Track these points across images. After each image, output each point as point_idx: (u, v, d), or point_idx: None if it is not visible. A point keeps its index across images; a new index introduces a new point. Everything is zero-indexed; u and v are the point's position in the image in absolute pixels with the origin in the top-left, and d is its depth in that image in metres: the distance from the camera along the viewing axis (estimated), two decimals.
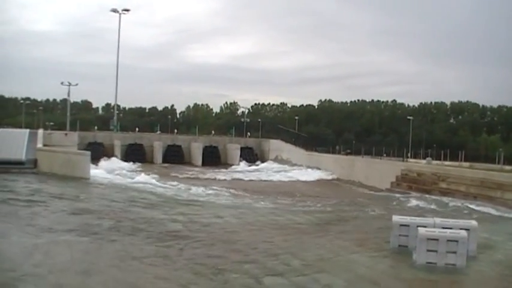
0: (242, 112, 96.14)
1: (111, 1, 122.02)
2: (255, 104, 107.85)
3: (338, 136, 77.31)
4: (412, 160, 38.81)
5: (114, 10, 48.92)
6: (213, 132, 60.70)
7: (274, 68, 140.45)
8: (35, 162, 24.03)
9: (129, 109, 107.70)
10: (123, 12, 48.89)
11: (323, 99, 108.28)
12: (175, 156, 40.89)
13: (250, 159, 42.14)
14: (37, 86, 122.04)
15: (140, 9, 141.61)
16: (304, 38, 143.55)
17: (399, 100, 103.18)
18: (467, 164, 33.28)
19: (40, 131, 31.66)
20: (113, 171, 26.59)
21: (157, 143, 41.10)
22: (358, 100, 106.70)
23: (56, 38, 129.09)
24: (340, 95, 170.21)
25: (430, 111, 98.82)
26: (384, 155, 38.44)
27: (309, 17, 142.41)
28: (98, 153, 33.37)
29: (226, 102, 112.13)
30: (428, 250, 8.19)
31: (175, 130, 64.90)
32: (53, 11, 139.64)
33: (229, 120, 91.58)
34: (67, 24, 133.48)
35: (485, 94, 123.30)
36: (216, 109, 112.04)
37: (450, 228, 8.83)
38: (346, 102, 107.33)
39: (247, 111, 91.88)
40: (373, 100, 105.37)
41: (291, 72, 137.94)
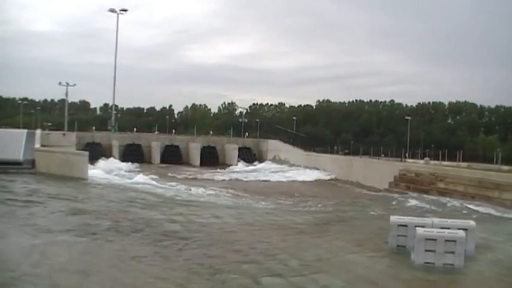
0: (240, 112, 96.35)
1: (110, 1, 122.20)
2: (253, 104, 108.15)
3: (336, 136, 77.52)
4: (410, 160, 38.87)
5: (112, 10, 48.80)
6: (211, 132, 60.65)
7: (272, 68, 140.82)
8: (33, 162, 23.98)
9: (127, 109, 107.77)
10: (121, 12, 48.75)
11: (321, 99, 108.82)
12: (173, 156, 40.82)
13: (248, 159, 42.09)
14: (35, 86, 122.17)
15: (139, 9, 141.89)
16: (302, 38, 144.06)
17: (397, 100, 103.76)
18: (465, 164, 33.34)
19: (38, 131, 31.61)
20: (111, 171, 26.56)
21: (155, 143, 41.05)
22: (356, 100, 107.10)
23: (55, 38, 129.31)
24: (338, 95, 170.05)
25: (428, 111, 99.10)
26: (382, 155, 38.50)
27: (308, 17, 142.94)
28: (96, 153, 33.27)
29: (224, 102, 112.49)
30: (426, 250, 8.20)
31: (173, 130, 64.89)
32: (52, 11, 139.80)
33: (227, 120, 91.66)
34: (66, 24, 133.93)
35: (483, 94, 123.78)
36: (214, 109, 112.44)
37: (448, 228, 8.84)
38: (344, 102, 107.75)
39: (245, 111, 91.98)
40: (371, 100, 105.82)
41: (290, 72, 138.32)
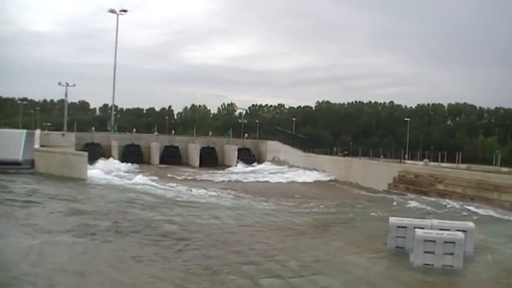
0: (240, 113, 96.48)
1: (109, 1, 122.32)
2: (253, 105, 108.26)
3: (335, 137, 77.52)
4: (410, 162, 38.96)
5: (111, 11, 48.77)
6: (211, 133, 60.69)
7: (272, 69, 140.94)
8: (32, 162, 23.98)
9: (127, 110, 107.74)
10: (120, 13, 48.74)
11: (320, 100, 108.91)
12: (172, 157, 40.82)
13: (247, 160, 42.10)
14: (35, 86, 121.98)
15: (138, 9, 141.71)
16: (302, 39, 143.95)
17: (397, 102, 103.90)
18: (464, 166, 33.44)
19: (37, 132, 31.63)
20: (111, 172, 26.55)
21: (154, 144, 41.04)
22: (355, 101, 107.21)
23: (55, 39, 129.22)
24: (337, 97, 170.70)
25: (428, 112, 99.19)
26: (381, 157, 38.53)
27: (307, 18, 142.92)
28: (95, 154, 33.24)
29: (223, 103, 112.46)
30: (425, 252, 8.21)
31: (172, 131, 64.97)
32: (52, 12, 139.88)
33: (226, 121, 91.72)
34: (66, 24, 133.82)
35: (482, 96, 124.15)
36: (214, 110, 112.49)
37: (447, 229, 8.85)
38: (343, 103, 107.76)
39: (244, 112, 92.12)
40: (370, 101, 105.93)
41: (289, 73, 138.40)
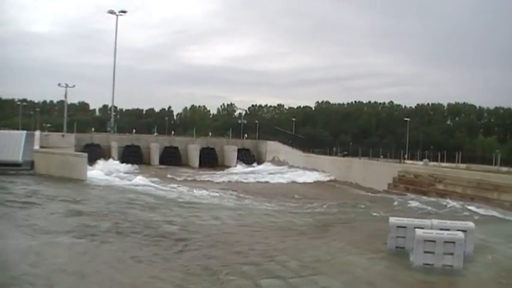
0: (239, 114, 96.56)
1: (109, 2, 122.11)
2: (252, 106, 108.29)
3: (335, 137, 77.48)
4: (409, 161, 38.97)
5: (111, 12, 48.75)
6: (210, 133, 60.73)
7: (271, 70, 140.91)
8: (32, 163, 23.98)
9: (126, 110, 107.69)
10: (120, 13, 48.78)
11: (320, 100, 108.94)
12: (172, 157, 40.85)
13: (247, 160, 42.12)
14: (35, 87, 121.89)
15: (138, 10, 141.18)
16: (302, 40, 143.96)
17: (396, 102, 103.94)
18: (464, 166, 33.46)
19: (37, 133, 31.63)
20: (110, 173, 26.55)
21: (154, 145, 41.04)
22: (355, 101, 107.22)
23: (55, 39, 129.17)
24: (337, 97, 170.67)
25: (427, 112, 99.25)
26: (381, 157, 38.52)
27: (307, 19, 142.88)
28: (95, 154, 33.24)
29: (223, 103, 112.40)
30: (425, 251, 8.20)
31: (172, 132, 65.03)
32: (52, 12, 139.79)
33: (226, 121, 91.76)
34: (65, 25, 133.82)
35: (482, 95, 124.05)
36: (213, 111, 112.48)
37: (447, 229, 8.85)
38: (343, 103, 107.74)
39: (244, 112, 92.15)
40: (370, 101, 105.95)
41: (289, 73, 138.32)
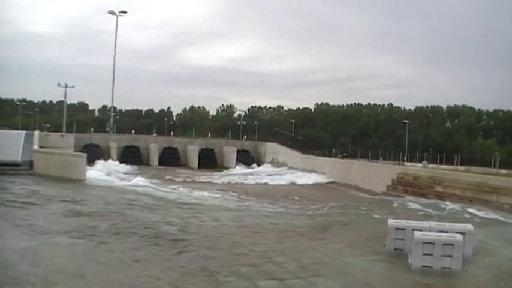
0: (239, 115, 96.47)
1: (109, 2, 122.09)
2: (252, 107, 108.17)
3: (334, 139, 77.54)
4: (408, 164, 38.90)
5: (111, 12, 48.75)
6: (210, 134, 60.77)
7: (271, 71, 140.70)
8: (31, 163, 23.98)
9: (126, 111, 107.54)
10: (119, 14, 48.78)
11: (320, 102, 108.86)
12: (171, 158, 40.87)
13: (246, 162, 42.12)
14: (34, 87, 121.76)
15: (137, 10, 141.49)
16: (301, 41, 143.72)
17: (395, 104, 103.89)
18: (463, 168, 33.40)
19: (36, 133, 31.62)
20: (109, 173, 26.54)
21: (153, 145, 41.05)
22: (354, 103, 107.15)
23: (54, 40, 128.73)
24: (336, 98, 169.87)
25: (426, 114, 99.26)
26: (380, 159, 38.53)
27: (307, 20, 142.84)
28: (94, 155, 33.26)
29: (222, 104, 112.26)
30: (424, 253, 8.22)
31: (171, 132, 64.96)
32: (52, 13, 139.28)
33: (225, 122, 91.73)
34: (65, 25, 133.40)
35: (481, 98, 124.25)
36: (213, 112, 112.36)
37: (446, 231, 8.86)
38: (342, 105, 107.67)
39: (243, 114, 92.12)
40: (369, 103, 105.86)
41: (288, 75, 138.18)
